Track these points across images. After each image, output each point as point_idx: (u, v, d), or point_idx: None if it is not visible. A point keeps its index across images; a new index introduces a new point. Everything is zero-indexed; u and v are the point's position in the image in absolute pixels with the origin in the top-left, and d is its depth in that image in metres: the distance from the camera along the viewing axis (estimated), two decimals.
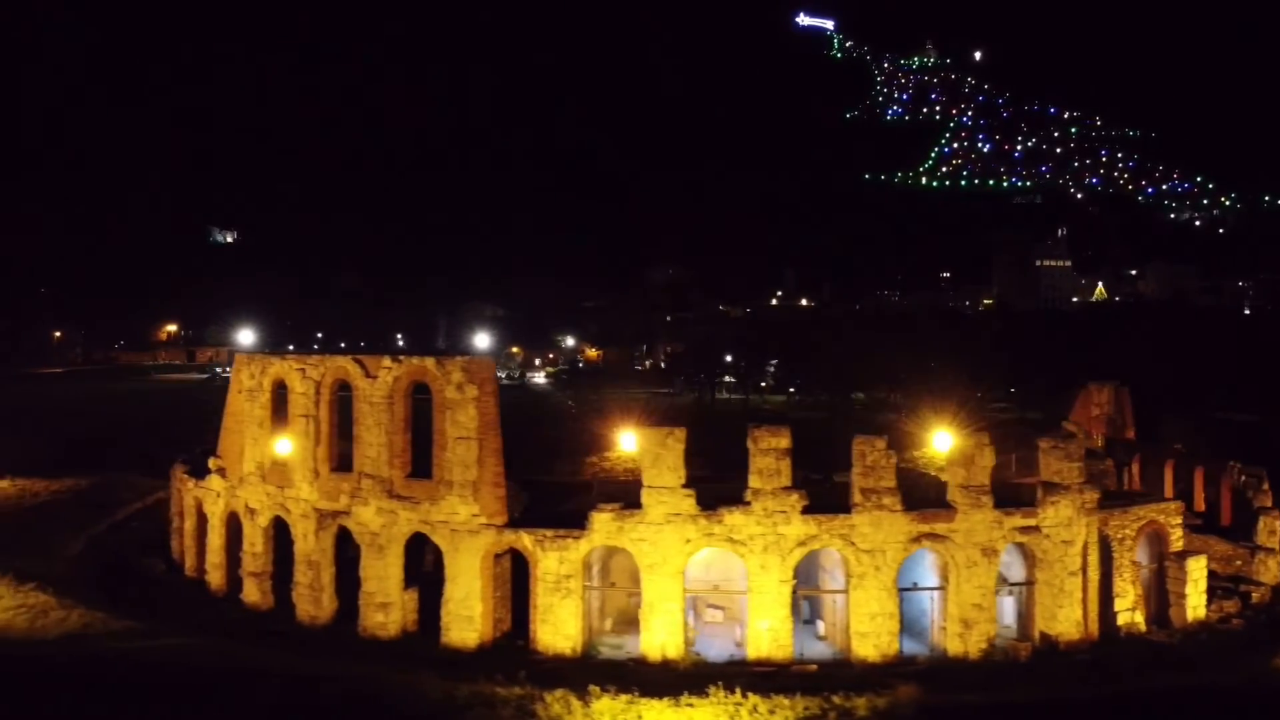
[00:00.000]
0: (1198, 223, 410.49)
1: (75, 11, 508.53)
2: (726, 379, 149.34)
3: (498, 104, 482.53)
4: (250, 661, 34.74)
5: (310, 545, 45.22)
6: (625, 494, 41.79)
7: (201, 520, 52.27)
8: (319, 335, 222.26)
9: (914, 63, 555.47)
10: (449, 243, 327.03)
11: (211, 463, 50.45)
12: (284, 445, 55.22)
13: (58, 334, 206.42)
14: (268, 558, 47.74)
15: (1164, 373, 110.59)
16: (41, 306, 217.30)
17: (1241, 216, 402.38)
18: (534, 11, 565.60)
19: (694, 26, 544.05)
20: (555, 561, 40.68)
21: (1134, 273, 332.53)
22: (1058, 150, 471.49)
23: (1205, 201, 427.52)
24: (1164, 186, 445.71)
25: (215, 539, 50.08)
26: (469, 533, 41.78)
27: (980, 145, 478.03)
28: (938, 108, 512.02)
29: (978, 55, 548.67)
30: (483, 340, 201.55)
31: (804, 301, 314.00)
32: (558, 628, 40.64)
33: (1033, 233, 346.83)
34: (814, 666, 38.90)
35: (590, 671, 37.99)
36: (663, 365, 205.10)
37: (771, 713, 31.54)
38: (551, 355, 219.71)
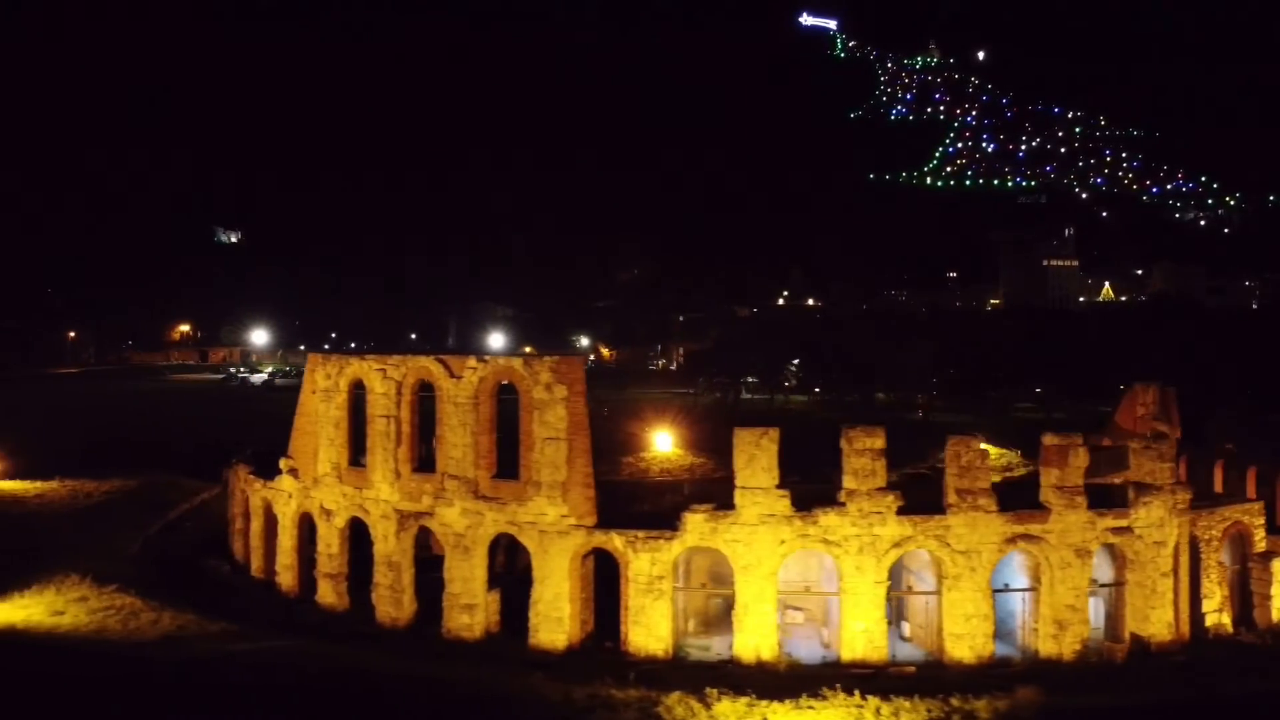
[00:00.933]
0: (1202, 222, 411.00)
1: (78, 10, 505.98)
2: (749, 379, 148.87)
3: (502, 102, 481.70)
4: (359, 663, 34.47)
5: (391, 546, 44.97)
6: (715, 494, 41.52)
7: (268, 521, 52.04)
8: (333, 335, 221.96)
9: (917, 63, 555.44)
10: (457, 241, 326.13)
11: (283, 463, 50.14)
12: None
13: (71, 334, 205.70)
14: (343, 559, 47.48)
15: (1193, 372, 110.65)
16: (51, 307, 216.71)
17: (1245, 216, 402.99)
18: (538, 11, 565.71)
19: (698, 26, 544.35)
20: (647, 563, 40.46)
21: (1140, 272, 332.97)
22: (1061, 150, 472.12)
23: (1210, 201, 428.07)
24: (1168, 186, 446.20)
25: (286, 540, 49.78)
26: (558, 534, 41.56)
27: (984, 145, 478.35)
28: (941, 107, 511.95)
29: (980, 55, 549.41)
30: (496, 340, 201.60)
31: (811, 301, 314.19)
32: (650, 629, 40.42)
33: (1038, 233, 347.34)
34: (912, 669, 38.69)
35: (686, 673, 37.89)
36: (674, 366, 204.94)
37: (895, 714, 31.37)
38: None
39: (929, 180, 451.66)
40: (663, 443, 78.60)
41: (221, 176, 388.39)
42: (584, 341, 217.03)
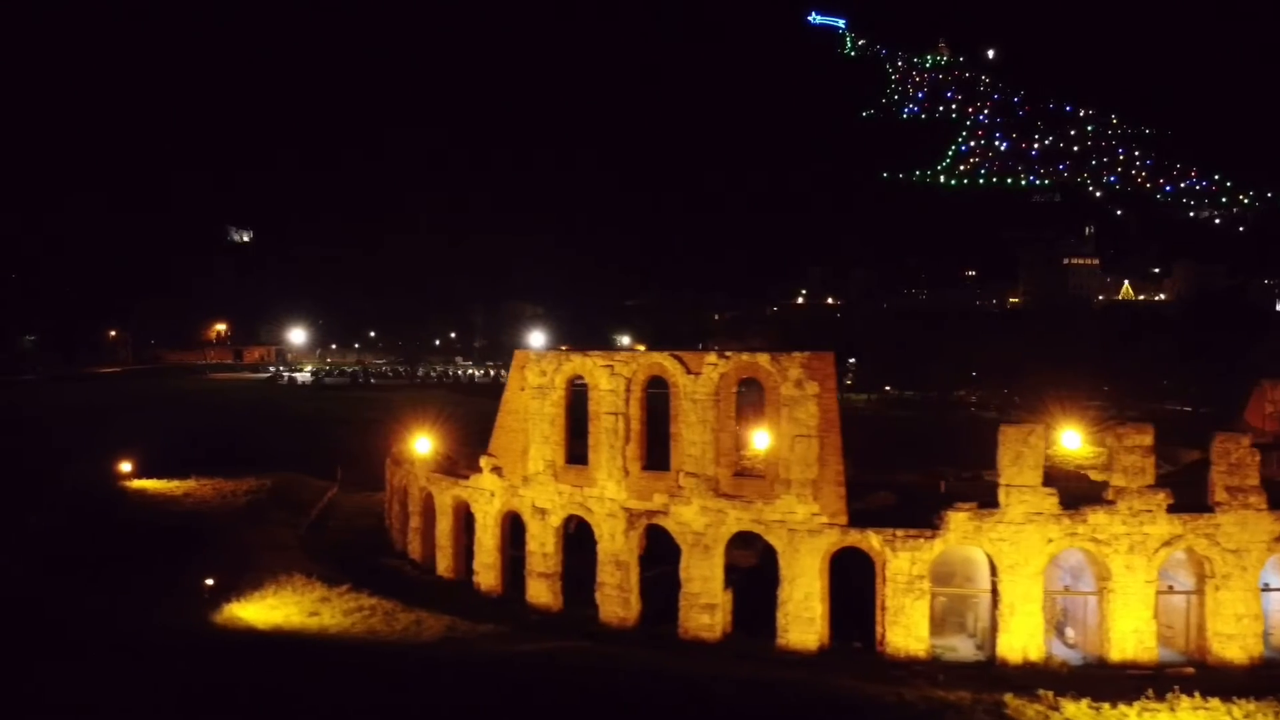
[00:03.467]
0: (1217, 220, 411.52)
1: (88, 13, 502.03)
2: None
3: (513, 101, 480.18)
4: (657, 665, 33.63)
5: (618, 545, 44.16)
6: (977, 494, 40.81)
7: (458, 519, 51.20)
8: (371, 334, 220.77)
9: (927, 61, 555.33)
10: (481, 241, 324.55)
11: (483, 461, 49.21)
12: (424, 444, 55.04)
13: (113, 333, 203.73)
14: (558, 558, 46.66)
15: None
16: (85, 306, 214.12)
17: (1260, 214, 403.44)
18: (546, 11, 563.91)
19: (704, 25, 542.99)
20: (907, 562, 39.73)
21: (1157, 271, 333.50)
22: (1074, 149, 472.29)
23: (1224, 200, 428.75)
24: (1182, 185, 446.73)
25: (488, 539, 48.89)
26: (809, 532, 40.81)
27: (997, 143, 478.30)
28: (953, 106, 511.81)
29: (990, 53, 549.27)
30: (536, 339, 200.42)
31: (830, 300, 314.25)
32: (910, 629, 39.69)
33: (1053, 231, 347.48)
34: (1191, 670, 38.04)
35: (956, 673, 37.19)
36: None
37: (1247, 716, 30.71)
38: None
39: (942, 179, 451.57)
40: (760, 441, 78.27)
41: (230, 173, 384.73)
42: (625, 340, 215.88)
